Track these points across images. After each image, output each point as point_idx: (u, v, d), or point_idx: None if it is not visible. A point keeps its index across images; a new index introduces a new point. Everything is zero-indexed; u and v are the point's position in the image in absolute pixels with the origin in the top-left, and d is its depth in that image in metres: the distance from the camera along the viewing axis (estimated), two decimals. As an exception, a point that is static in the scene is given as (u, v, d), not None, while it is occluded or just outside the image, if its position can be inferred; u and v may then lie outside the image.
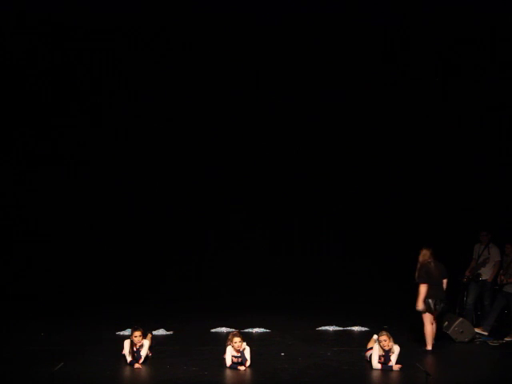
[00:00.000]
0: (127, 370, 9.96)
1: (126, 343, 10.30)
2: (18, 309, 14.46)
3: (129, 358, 10.16)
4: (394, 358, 9.99)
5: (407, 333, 12.29)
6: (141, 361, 10.16)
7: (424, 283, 10.99)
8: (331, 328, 13.04)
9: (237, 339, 10.16)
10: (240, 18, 14.93)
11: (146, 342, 10.36)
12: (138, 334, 10.23)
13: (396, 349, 10.05)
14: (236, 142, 16.02)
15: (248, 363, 10.09)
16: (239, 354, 10.15)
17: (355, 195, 16.15)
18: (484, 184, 15.27)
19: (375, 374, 9.84)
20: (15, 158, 15.66)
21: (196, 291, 15.64)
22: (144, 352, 10.26)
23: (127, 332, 11.51)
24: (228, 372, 9.93)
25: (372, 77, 15.58)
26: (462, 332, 11.75)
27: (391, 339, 10.03)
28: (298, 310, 14.96)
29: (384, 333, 10.10)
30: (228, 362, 10.12)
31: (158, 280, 15.82)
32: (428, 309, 11.00)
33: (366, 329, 12.71)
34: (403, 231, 15.86)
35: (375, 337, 10.32)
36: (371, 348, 10.24)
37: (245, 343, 10.22)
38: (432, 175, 15.71)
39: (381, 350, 10.04)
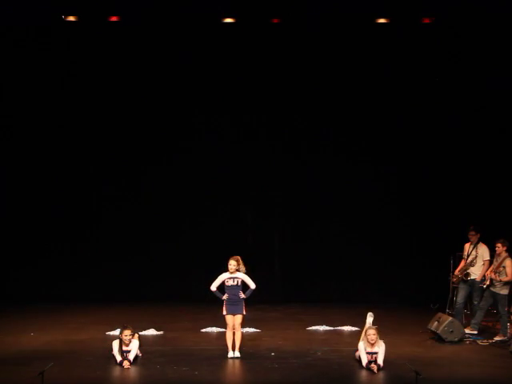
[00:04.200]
0: (117, 370, 9.95)
1: (115, 343, 10.28)
2: (7, 308, 14.43)
3: (118, 358, 10.15)
4: (380, 355, 10.01)
5: (397, 332, 12.32)
6: (130, 360, 10.14)
7: None
8: (321, 328, 13.06)
9: (232, 262, 10.53)
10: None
11: (136, 342, 10.35)
12: (127, 332, 10.23)
13: (382, 346, 10.06)
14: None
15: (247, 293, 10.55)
16: (235, 275, 10.53)
17: (348, 202, 16.15)
18: (473, 182, 15.37)
19: (365, 374, 9.86)
20: None
21: (186, 291, 15.61)
22: (134, 352, 10.24)
23: (117, 332, 11.48)
24: (219, 371, 9.94)
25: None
26: (451, 331, 11.78)
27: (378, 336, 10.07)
28: (288, 310, 14.97)
29: (372, 327, 10.14)
30: (214, 288, 10.61)
31: (149, 279, 15.78)
32: None
33: (356, 329, 12.70)
34: (396, 232, 15.93)
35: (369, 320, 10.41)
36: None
37: (241, 266, 10.61)
38: (427, 176, 15.83)
39: (368, 345, 10.04)
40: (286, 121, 16.17)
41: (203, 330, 12.75)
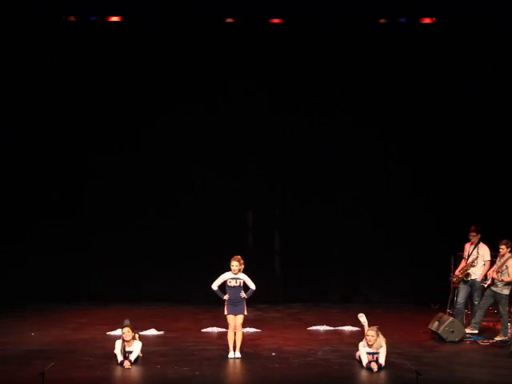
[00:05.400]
0: (118, 370, 9.94)
1: (118, 343, 10.28)
2: (8, 308, 14.43)
3: (120, 358, 10.14)
4: (382, 355, 10.00)
5: (398, 332, 12.32)
6: (131, 360, 10.14)
7: None
8: (322, 328, 13.06)
9: (234, 263, 10.57)
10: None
11: (139, 344, 10.34)
12: (126, 329, 10.24)
13: (383, 346, 10.05)
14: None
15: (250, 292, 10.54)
16: (237, 276, 10.57)
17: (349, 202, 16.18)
18: (474, 182, 15.39)
19: (365, 374, 9.85)
20: None
21: (186, 291, 15.61)
22: (136, 353, 10.23)
23: (118, 332, 11.48)
24: (219, 371, 9.93)
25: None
26: (452, 331, 11.78)
27: (379, 337, 10.04)
28: (288, 310, 14.97)
29: (373, 329, 10.12)
30: (215, 287, 10.59)
31: (149, 279, 15.77)
32: None
33: (357, 329, 12.69)
34: (396, 232, 15.95)
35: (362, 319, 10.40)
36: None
37: (242, 266, 10.65)
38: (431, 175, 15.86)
39: (368, 346, 10.04)
40: (287, 120, 16.17)
41: (204, 330, 12.75)
